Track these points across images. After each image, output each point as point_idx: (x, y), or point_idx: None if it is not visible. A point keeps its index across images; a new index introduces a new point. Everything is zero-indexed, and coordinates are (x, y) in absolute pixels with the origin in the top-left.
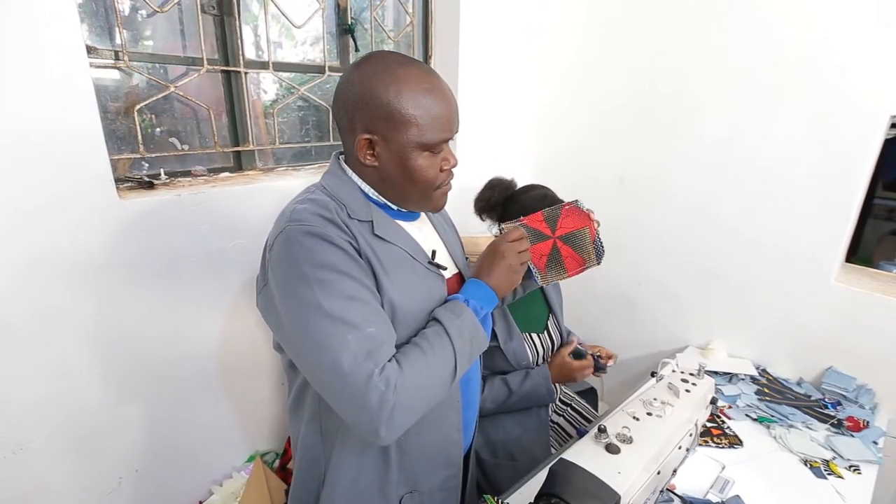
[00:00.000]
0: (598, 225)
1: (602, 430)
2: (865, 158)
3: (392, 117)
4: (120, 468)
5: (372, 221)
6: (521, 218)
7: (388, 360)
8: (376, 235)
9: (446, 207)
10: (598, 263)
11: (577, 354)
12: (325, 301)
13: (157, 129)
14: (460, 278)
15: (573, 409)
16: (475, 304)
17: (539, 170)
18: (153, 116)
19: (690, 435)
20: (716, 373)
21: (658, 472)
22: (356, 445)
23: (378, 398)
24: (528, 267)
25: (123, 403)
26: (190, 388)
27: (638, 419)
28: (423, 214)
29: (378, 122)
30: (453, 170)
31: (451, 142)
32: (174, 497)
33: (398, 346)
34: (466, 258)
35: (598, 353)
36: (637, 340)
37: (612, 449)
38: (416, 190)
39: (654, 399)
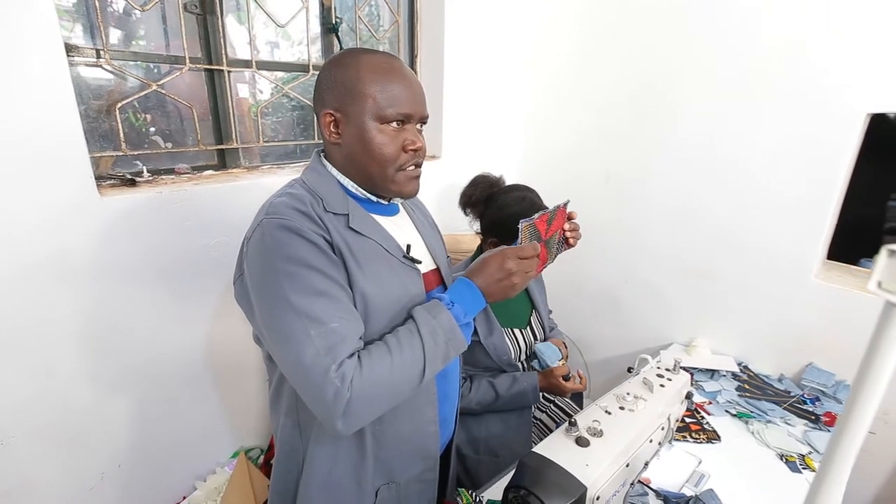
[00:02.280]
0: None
1: (573, 424)
2: (843, 156)
3: (351, 92)
4: (102, 464)
5: (348, 215)
6: (535, 218)
7: (350, 356)
8: (351, 228)
9: (428, 205)
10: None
11: (565, 378)
12: (292, 295)
13: (151, 129)
14: (438, 274)
15: (556, 405)
16: (459, 310)
17: (528, 169)
18: (147, 116)
19: (662, 429)
20: (698, 369)
21: (627, 465)
22: (331, 437)
23: (333, 393)
24: None
25: (106, 400)
26: (174, 385)
27: (610, 413)
28: (402, 210)
29: (340, 97)
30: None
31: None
32: (157, 492)
33: (371, 340)
34: (448, 256)
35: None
36: (623, 338)
37: (581, 442)
38: (376, 167)
39: (628, 394)
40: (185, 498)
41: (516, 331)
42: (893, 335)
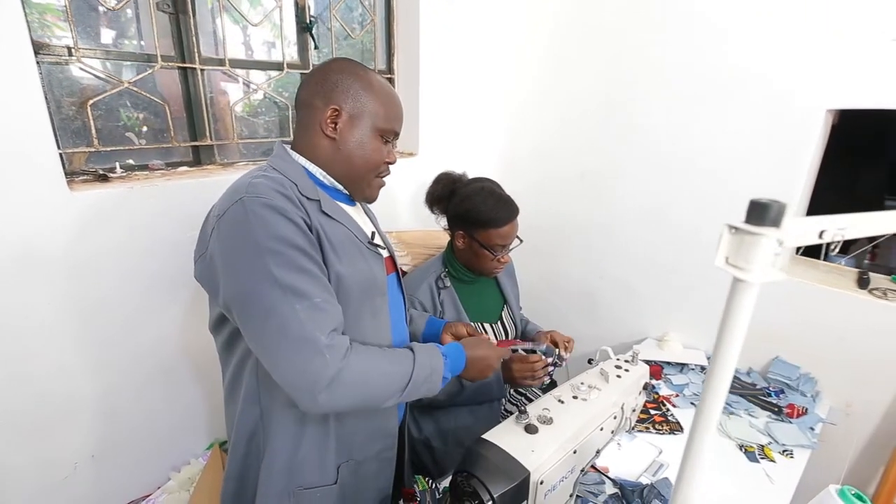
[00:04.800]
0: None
1: (522, 412)
2: (805, 153)
3: (364, 100)
4: (75, 454)
5: (319, 200)
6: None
7: (336, 332)
8: (324, 213)
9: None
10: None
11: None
12: (276, 270)
13: (144, 128)
14: (393, 261)
15: (527, 398)
16: (448, 364)
17: (508, 167)
18: (139, 115)
19: (615, 418)
20: (668, 363)
21: (575, 452)
22: (296, 416)
23: (321, 364)
24: None
25: (80, 391)
26: (149, 377)
27: (563, 402)
28: (358, 204)
29: (351, 100)
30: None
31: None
32: (132, 482)
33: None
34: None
35: (553, 348)
36: (599, 334)
37: (530, 429)
38: (363, 168)
39: (582, 383)
40: (159, 488)
41: (487, 325)
42: (741, 306)
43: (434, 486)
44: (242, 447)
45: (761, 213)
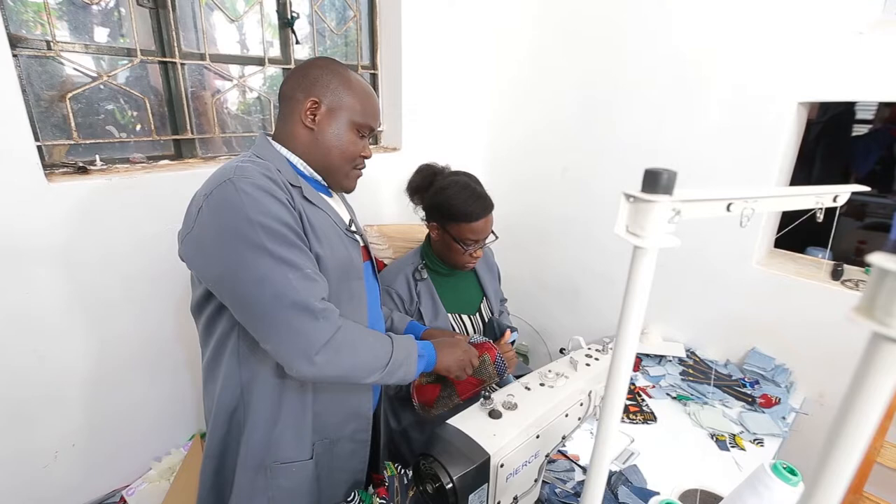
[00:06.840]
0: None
1: (487, 398)
2: (777, 146)
3: (343, 95)
4: (57, 443)
5: (301, 187)
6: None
7: (327, 300)
8: (305, 198)
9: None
10: (501, 378)
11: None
12: (268, 243)
13: (138, 127)
14: (367, 250)
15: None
16: (421, 349)
17: (490, 164)
18: (133, 113)
19: (581, 404)
20: (647, 355)
21: (537, 436)
22: (275, 392)
23: (317, 327)
24: (413, 402)
25: (61, 381)
26: (130, 368)
27: (529, 389)
28: (336, 195)
29: (330, 94)
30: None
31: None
32: (112, 471)
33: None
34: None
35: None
36: (583, 327)
37: (494, 414)
38: (339, 159)
39: (549, 371)
40: (140, 477)
41: (465, 316)
42: (639, 271)
43: (403, 472)
44: (223, 425)
45: (654, 181)
